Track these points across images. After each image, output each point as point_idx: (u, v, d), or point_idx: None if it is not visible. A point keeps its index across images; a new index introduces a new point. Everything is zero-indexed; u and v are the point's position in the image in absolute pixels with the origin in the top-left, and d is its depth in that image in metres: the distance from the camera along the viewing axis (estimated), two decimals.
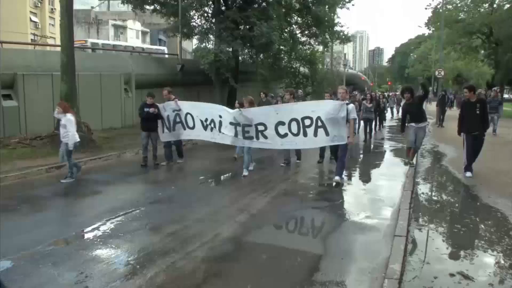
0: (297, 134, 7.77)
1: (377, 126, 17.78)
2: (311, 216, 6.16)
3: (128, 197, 7.07)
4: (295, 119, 7.72)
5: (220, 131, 8.73)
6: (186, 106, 9.44)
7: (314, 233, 5.39)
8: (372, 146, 14.26)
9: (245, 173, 8.50)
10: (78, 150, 8.13)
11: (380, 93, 22.68)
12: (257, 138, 8.15)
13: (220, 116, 8.70)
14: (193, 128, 9.33)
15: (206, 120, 8.98)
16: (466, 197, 7.14)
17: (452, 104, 32.94)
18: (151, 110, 9.39)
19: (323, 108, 7.59)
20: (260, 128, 8.08)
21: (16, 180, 8.07)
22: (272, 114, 8.03)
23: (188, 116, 9.32)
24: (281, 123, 7.86)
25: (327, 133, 7.50)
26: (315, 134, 7.62)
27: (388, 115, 24.48)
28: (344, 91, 7.95)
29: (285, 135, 7.90)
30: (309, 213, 6.29)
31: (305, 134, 7.71)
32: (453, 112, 18.71)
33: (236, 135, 8.38)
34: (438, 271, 4.10)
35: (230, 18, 19.62)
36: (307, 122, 7.64)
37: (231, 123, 8.44)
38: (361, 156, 12.40)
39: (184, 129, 9.49)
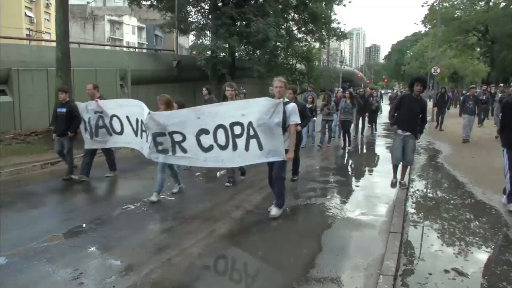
0: (224, 147, 5.69)
1: (364, 128, 15.83)
2: (305, 213, 6.17)
3: (124, 193, 7.04)
4: (222, 126, 5.62)
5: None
6: (111, 105, 7.44)
7: (309, 229, 5.39)
8: (348, 158, 11.30)
9: (154, 198, 6.39)
10: (74, 146, 8.07)
11: (371, 90, 19.37)
12: (174, 151, 6.05)
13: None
14: (121, 133, 7.31)
15: (137, 121, 6.81)
16: (461, 194, 7.17)
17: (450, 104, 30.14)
18: (61, 110, 7.84)
19: (254, 109, 5.44)
20: (177, 138, 5.96)
21: (11, 176, 8.04)
22: (192, 119, 5.82)
23: (115, 119, 7.31)
24: (204, 131, 5.74)
25: (260, 146, 5.45)
26: (247, 148, 5.55)
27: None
28: (282, 84, 5.58)
29: (210, 148, 5.79)
30: (304, 209, 6.29)
31: (234, 147, 5.63)
32: (453, 112, 18.06)
33: (149, 146, 6.26)
34: (432, 267, 4.12)
35: (226, 14, 19.58)
36: (237, 130, 5.56)
37: (143, 131, 6.55)
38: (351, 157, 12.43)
39: (110, 135, 7.47)
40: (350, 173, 9.68)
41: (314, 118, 12.07)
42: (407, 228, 5.28)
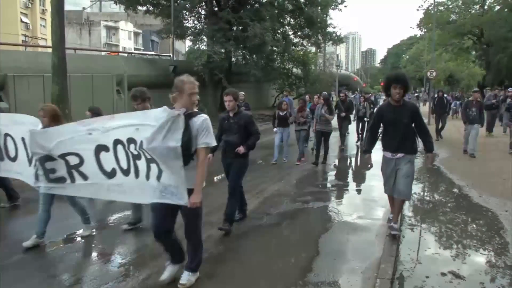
0: (127, 172, 3.94)
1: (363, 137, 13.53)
2: (303, 216, 6.17)
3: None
4: (120, 142, 3.90)
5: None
6: (3, 121, 5.21)
7: (306, 233, 5.39)
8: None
9: (29, 242, 4.75)
10: None
11: (359, 95, 16.95)
12: (72, 179, 4.37)
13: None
14: (14, 159, 5.17)
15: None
16: (457, 197, 7.19)
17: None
18: None
19: (147, 124, 3.62)
20: (73, 161, 4.30)
21: None
22: (81, 135, 4.18)
23: (9, 139, 5.16)
24: (103, 148, 4.04)
25: (159, 176, 3.68)
26: (147, 176, 3.78)
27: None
28: (192, 86, 3.68)
29: (113, 173, 4.05)
30: (302, 213, 6.29)
31: (136, 174, 3.87)
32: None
33: (36, 176, 4.66)
34: (430, 270, 4.13)
35: (223, 19, 19.64)
36: (133, 149, 3.83)
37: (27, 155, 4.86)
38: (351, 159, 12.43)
39: (2, 159, 5.26)
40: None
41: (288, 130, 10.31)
42: (404, 231, 5.29)
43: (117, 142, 3.92)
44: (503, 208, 6.27)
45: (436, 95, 16.09)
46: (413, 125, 5.04)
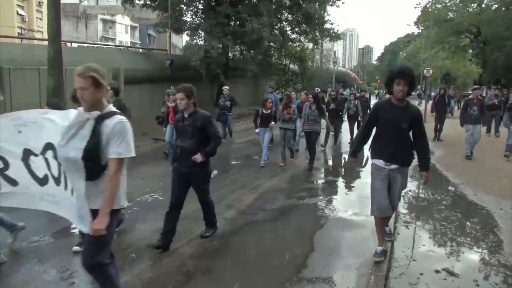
0: (58, 181, 3.15)
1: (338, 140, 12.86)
2: (298, 212, 6.17)
3: None
4: (52, 147, 3.11)
5: None
6: None
7: (301, 230, 5.39)
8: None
9: None
10: None
11: (349, 92, 16.00)
12: None
13: None
14: None
15: None
16: (452, 195, 7.21)
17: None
18: None
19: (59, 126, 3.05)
20: None
21: None
22: (11, 132, 3.33)
23: None
24: (31, 153, 3.27)
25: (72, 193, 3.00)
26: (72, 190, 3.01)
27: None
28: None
29: (45, 179, 3.25)
30: (297, 209, 6.29)
31: (66, 184, 3.08)
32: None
33: None
34: (424, 267, 4.14)
35: (221, 14, 19.58)
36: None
37: None
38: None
39: None
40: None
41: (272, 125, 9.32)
42: (399, 228, 5.30)
43: (48, 146, 3.14)
44: (497, 206, 6.29)
45: (437, 94, 14.99)
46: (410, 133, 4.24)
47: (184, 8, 22.18)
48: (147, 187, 7.37)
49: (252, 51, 21.52)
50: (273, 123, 9.30)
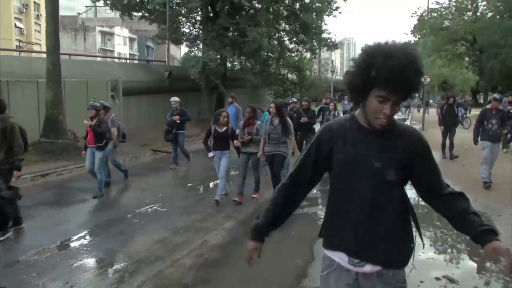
0: None
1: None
2: (298, 222, 6.16)
3: (114, 205, 6.99)
4: None
5: None
6: None
7: (301, 238, 5.38)
8: None
9: None
10: (64, 158, 7.98)
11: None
12: None
13: None
14: None
15: None
16: None
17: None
18: None
19: None
20: None
21: None
22: None
23: None
24: None
25: None
26: None
27: None
28: None
29: None
30: (296, 218, 6.28)
31: None
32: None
33: None
34: (424, 275, 4.13)
35: (220, 25, 19.70)
36: None
37: None
38: None
39: None
40: None
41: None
42: None
43: None
44: (497, 213, 6.30)
45: (443, 101, 12.76)
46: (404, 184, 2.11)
47: (183, 19, 22.31)
48: (146, 198, 7.36)
49: (251, 61, 21.63)
50: (237, 142, 6.90)
